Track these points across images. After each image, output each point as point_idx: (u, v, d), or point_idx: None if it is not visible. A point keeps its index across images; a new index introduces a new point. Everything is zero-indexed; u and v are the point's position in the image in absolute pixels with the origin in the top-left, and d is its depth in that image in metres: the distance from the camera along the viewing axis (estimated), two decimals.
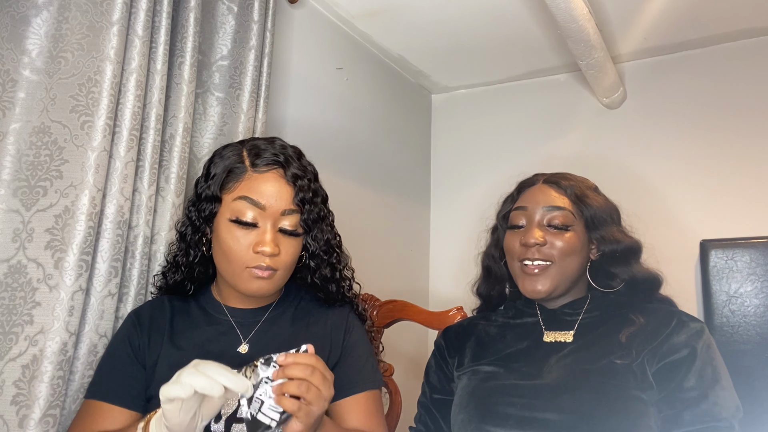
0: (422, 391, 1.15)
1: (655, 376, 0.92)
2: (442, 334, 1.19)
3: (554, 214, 1.04)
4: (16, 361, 0.94)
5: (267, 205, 0.93)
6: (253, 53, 1.37)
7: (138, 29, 1.08)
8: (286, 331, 1.03)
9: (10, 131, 1.00)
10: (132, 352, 0.97)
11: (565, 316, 1.07)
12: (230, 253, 0.94)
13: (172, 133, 1.20)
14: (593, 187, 1.12)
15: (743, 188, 1.90)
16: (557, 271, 1.03)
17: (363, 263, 2.01)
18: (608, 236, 1.04)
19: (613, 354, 0.95)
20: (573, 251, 1.03)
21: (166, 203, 1.17)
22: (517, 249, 1.06)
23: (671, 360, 0.92)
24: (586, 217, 1.05)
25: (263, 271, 0.93)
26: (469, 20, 1.87)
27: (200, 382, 0.69)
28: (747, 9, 1.78)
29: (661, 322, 0.98)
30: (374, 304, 1.36)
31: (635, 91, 2.12)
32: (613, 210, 1.10)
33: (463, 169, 2.45)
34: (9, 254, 0.97)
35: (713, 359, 0.92)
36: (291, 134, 1.67)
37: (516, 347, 1.05)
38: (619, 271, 1.05)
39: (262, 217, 0.94)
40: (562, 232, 1.03)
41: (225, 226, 0.94)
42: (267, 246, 0.92)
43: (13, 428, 0.92)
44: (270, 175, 0.95)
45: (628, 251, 1.05)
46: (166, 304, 1.04)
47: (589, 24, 1.64)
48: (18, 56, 1.01)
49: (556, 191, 1.07)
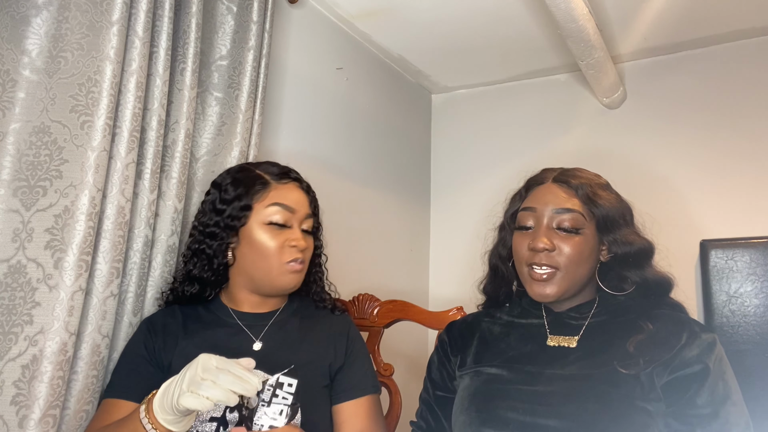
0: (424, 387, 1.14)
1: (664, 389, 0.89)
2: (446, 330, 1.17)
3: (563, 216, 0.99)
4: (15, 361, 0.94)
5: (296, 209, 1.10)
6: (252, 53, 1.37)
7: (138, 30, 1.08)
8: (293, 333, 1.12)
9: (10, 131, 1.00)
10: (147, 354, 1.05)
11: (571, 320, 1.03)
12: (268, 250, 1.07)
13: (175, 138, 1.20)
14: (605, 185, 1.06)
15: (743, 188, 1.90)
16: (565, 277, 0.99)
17: (363, 263, 2.02)
18: (620, 238, 1.00)
19: (618, 362, 0.91)
20: (581, 257, 0.99)
21: (168, 208, 1.18)
22: (526, 253, 1.02)
23: (683, 374, 0.89)
24: (597, 218, 1.00)
25: (298, 264, 1.09)
26: (470, 20, 1.87)
27: (218, 395, 0.76)
28: (747, 9, 1.78)
29: (671, 331, 0.94)
30: (374, 304, 1.36)
31: (635, 91, 2.12)
32: (625, 209, 1.04)
33: (463, 169, 2.45)
34: (9, 254, 0.97)
35: (724, 373, 0.90)
36: (291, 134, 1.67)
37: (520, 350, 1.03)
38: (631, 274, 1.00)
39: (291, 219, 1.10)
40: (572, 235, 0.99)
41: (260, 229, 1.07)
42: (300, 241, 1.09)
43: (12, 428, 0.92)
44: (292, 186, 1.13)
45: (640, 253, 1.01)
46: (177, 311, 1.12)
47: (589, 24, 1.64)
48: (18, 56, 1.01)
49: (565, 191, 1.02)
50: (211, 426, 0.97)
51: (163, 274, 1.18)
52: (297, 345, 1.10)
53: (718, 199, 1.92)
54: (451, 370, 1.10)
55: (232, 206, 1.08)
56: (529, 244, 1.00)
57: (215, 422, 0.97)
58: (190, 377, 0.78)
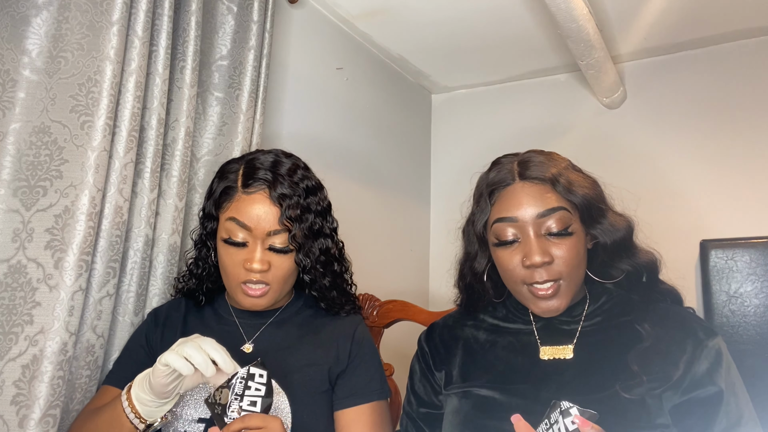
0: (407, 399, 1.04)
1: (674, 413, 0.82)
2: (426, 337, 1.06)
3: (549, 219, 0.88)
4: (16, 361, 0.94)
5: (253, 227, 0.98)
6: (253, 53, 1.37)
7: (138, 30, 1.08)
8: (292, 334, 1.07)
9: (10, 131, 0.99)
10: (146, 345, 1.07)
11: (563, 325, 0.93)
12: (225, 269, 1.02)
13: (174, 136, 1.20)
14: (570, 165, 0.95)
15: (743, 188, 1.90)
16: (569, 284, 0.89)
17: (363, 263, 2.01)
18: (607, 226, 0.90)
19: (621, 384, 0.82)
20: (579, 258, 0.90)
21: (168, 207, 1.18)
22: (521, 272, 0.90)
23: (695, 398, 0.82)
24: (579, 209, 0.90)
25: (255, 288, 0.99)
26: (470, 20, 1.87)
27: (198, 359, 0.80)
28: (747, 9, 1.78)
29: (673, 339, 0.86)
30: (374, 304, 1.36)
31: (635, 91, 2.12)
32: (598, 189, 0.94)
33: (463, 169, 2.44)
34: (9, 254, 0.97)
35: (734, 385, 0.84)
36: (290, 134, 1.67)
37: (510, 363, 0.93)
38: (621, 263, 0.92)
39: (250, 236, 0.99)
40: (564, 237, 0.88)
41: (220, 244, 1.02)
42: (255, 263, 0.97)
43: (13, 428, 0.92)
44: (257, 197, 0.99)
45: (627, 236, 0.92)
46: (183, 304, 1.12)
47: (589, 24, 1.64)
48: (18, 56, 1.01)
49: (539, 187, 0.90)
50: (198, 427, 0.95)
51: (165, 273, 1.18)
52: (294, 347, 1.04)
53: (718, 199, 1.92)
54: (436, 385, 1.01)
55: (205, 213, 1.06)
56: (524, 262, 0.89)
57: (203, 423, 0.96)
58: (177, 343, 0.84)
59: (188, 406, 0.98)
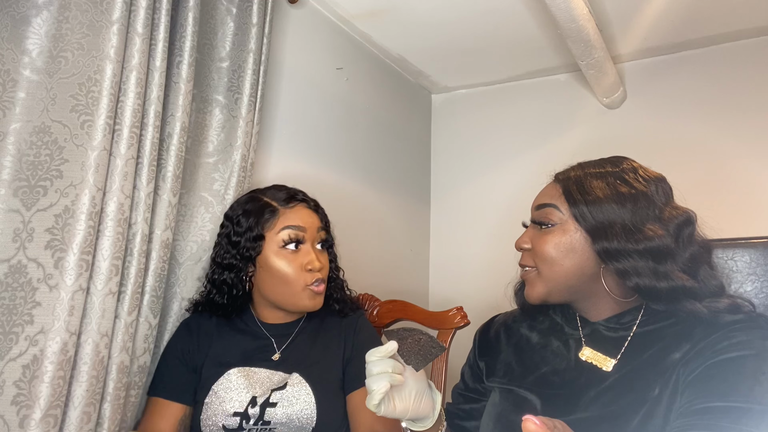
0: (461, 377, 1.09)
1: None
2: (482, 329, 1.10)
3: (541, 212, 0.93)
4: (16, 361, 0.94)
5: (307, 227, 1.16)
6: (252, 56, 1.37)
7: (138, 27, 1.08)
8: (311, 340, 1.19)
9: (11, 131, 0.99)
10: (181, 356, 1.15)
11: (609, 332, 0.91)
12: (286, 276, 1.13)
13: (170, 131, 1.19)
14: (600, 173, 0.94)
15: (743, 188, 1.90)
16: (545, 275, 0.91)
17: (363, 263, 2.01)
18: (615, 248, 0.86)
19: (648, 404, 0.79)
20: (558, 252, 0.89)
21: (163, 201, 1.17)
22: None
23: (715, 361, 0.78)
24: (576, 215, 0.89)
25: (320, 286, 1.15)
26: (470, 20, 1.87)
27: (376, 385, 0.78)
28: (747, 9, 1.78)
29: None
30: (374, 304, 1.36)
31: (635, 91, 2.12)
32: (629, 207, 0.91)
33: (463, 169, 2.45)
34: (9, 254, 0.97)
35: None
36: (291, 134, 1.67)
37: (553, 366, 0.93)
38: (657, 280, 0.86)
39: (304, 237, 1.15)
40: (545, 229, 0.91)
41: (275, 256, 1.13)
42: (315, 261, 1.14)
43: (13, 428, 0.92)
44: (299, 207, 1.18)
45: (658, 257, 0.86)
46: (213, 317, 1.21)
47: (589, 24, 1.65)
48: (18, 56, 1.01)
49: (554, 185, 0.96)
50: (234, 420, 1.07)
51: (157, 270, 1.15)
52: (313, 348, 1.18)
53: (718, 198, 1.92)
54: (479, 373, 1.05)
55: (246, 237, 1.15)
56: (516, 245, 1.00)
57: (238, 417, 1.07)
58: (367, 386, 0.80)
59: (225, 402, 1.09)
